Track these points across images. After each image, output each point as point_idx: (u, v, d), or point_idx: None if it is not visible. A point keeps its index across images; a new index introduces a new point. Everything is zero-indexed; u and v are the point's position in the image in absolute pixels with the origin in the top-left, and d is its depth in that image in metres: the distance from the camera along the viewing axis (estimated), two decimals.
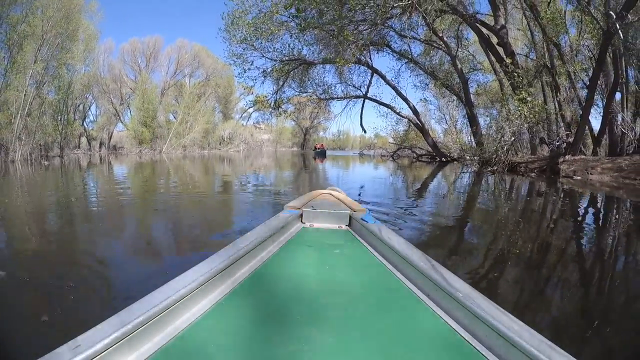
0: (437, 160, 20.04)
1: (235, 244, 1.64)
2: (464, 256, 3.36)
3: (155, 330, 1.08)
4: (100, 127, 34.19)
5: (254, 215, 4.59)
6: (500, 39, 14.43)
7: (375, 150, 35.09)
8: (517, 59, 14.52)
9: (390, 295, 1.47)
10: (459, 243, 3.88)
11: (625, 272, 3.14)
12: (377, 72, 19.66)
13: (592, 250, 3.70)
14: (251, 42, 16.20)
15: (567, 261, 3.32)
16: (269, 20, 15.22)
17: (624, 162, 11.30)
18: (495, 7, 14.59)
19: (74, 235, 3.94)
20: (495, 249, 3.62)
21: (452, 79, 18.27)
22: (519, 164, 13.29)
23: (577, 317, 2.24)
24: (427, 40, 17.62)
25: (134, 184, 9.24)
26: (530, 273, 2.94)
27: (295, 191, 7.59)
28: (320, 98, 20.80)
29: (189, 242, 3.62)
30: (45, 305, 2.06)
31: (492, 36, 14.66)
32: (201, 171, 14.07)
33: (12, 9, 19.75)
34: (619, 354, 1.85)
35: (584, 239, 4.10)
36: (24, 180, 10.12)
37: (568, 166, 11.53)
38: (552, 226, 4.82)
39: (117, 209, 5.41)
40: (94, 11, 25.17)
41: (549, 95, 15.24)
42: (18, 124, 19.66)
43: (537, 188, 9.37)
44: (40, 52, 20.39)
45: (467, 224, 4.86)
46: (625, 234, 4.36)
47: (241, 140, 43.73)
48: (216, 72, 39.97)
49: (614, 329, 2.02)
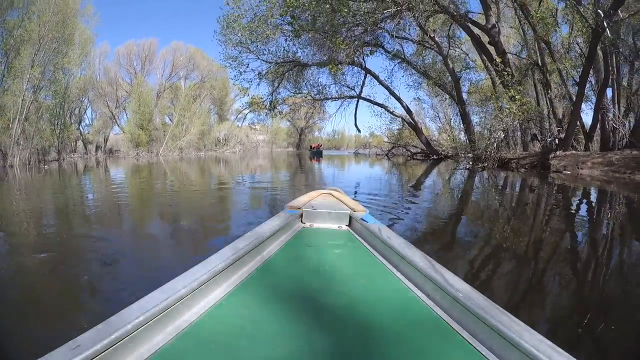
0: (431, 158, 20.28)
1: (235, 244, 1.64)
2: (453, 247, 3.57)
3: (155, 330, 1.09)
4: (96, 130, 34.17)
5: (253, 215, 4.71)
6: (491, 38, 14.63)
7: (370, 149, 35.24)
8: (508, 58, 14.79)
9: (390, 295, 1.47)
10: (448, 233, 4.08)
11: (609, 260, 3.31)
12: (370, 72, 19.91)
13: (580, 239, 3.97)
14: (246, 44, 16.44)
15: (557, 251, 3.50)
16: (264, 24, 15.45)
17: (615, 156, 11.55)
18: (487, 6, 14.78)
19: (106, 231, 4.17)
20: (484, 239, 3.85)
21: (445, 78, 18.51)
22: (511, 160, 13.57)
23: (569, 309, 2.32)
24: (419, 41, 17.87)
25: (140, 186, 9.51)
26: (518, 262, 3.13)
27: (292, 189, 7.85)
28: (315, 98, 21.03)
29: (199, 237, 3.83)
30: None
31: (485, 35, 14.91)
32: (201, 173, 14.27)
33: (8, 14, 19.67)
34: (612, 346, 1.87)
35: (571, 229, 4.37)
36: (25, 184, 10.29)
37: (558, 161, 11.81)
38: (540, 217, 5.09)
39: (127, 208, 5.72)
40: (89, 15, 25.19)
41: (541, 93, 15.59)
42: (16, 128, 19.65)
43: (528, 183, 9.66)
44: (37, 56, 20.35)
45: (456, 216, 5.07)
46: (612, 224, 4.64)
47: (237, 141, 43.88)
48: (211, 73, 40.14)
49: (607, 320, 2.06)
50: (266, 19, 15.29)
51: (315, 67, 18.87)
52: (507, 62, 14.47)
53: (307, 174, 13.32)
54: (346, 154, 38.67)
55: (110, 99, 34.85)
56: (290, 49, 17.46)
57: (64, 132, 25.08)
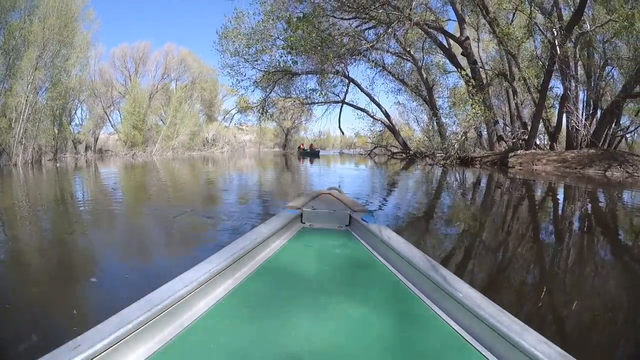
0: (408, 157, 21.59)
1: (235, 244, 1.65)
2: (415, 222, 4.75)
3: (155, 330, 1.10)
4: (87, 130, 34.38)
5: (252, 214, 4.91)
6: (464, 49, 16.28)
7: (354, 150, 35.82)
8: (478, 67, 16.57)
9: (391, 295, 1.48)
10: (405, 207, 5.63)
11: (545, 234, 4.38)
12: (353, 81, 21.44)
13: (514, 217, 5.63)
14: (243, 54, 18.04)
15: (503, 229, 4.53)
16: (261, 40, 17.17)
17: (570, 154, 13.20)
18: (462, 19, 16.49)
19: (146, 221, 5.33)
20: (432, 211, 5.50)
21: (421, 86, 20.28)
22: (475, 159, 15.43)
23: (527, 286, 2.65)
24: (397, 53, 19.70)
25: (143, 183, 10.37)
26: (467, 235, 4.11)
27: (288, 187, 8.79)
28: (303, 102, 22.45)
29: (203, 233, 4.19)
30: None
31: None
32: (202, 171, 14.97)
33: (10, 16, 19.77)
34: (569, 320, 2.09)
35: (503, 203, 6.14)
36: (35, 181, 11.40)
37: (516, 159, 13.61)
38: (492, 201, 6.91)
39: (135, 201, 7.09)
40: (91, 20, 25.27)
41: (511, 98, 17.23)
42: (19, 129, 20.06)
43: (485, 175, 11.48)
44: (41, 58, 20.55)
45: (417, 199, 6.72)
46: (538, 204, 6.49)
47: (225, 141, 44.28)
48: (201, 75, 41.04)
49: (565, 297, 2.40)
50: (264, 38, 17.03)
51: (304, 75, 20.41)
52: (478, 70, 16.25)
53: (301, 173, 14.47)
54: (331, 154, 39.11)
55: (104, 99, 35.14)
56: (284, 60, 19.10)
57: (63, 132, 25.42)
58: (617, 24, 12.70)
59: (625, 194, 7.72)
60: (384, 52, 19.63)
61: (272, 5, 15.73)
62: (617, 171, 11.29)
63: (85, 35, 24.78)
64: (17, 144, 20.22)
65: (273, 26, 16.59)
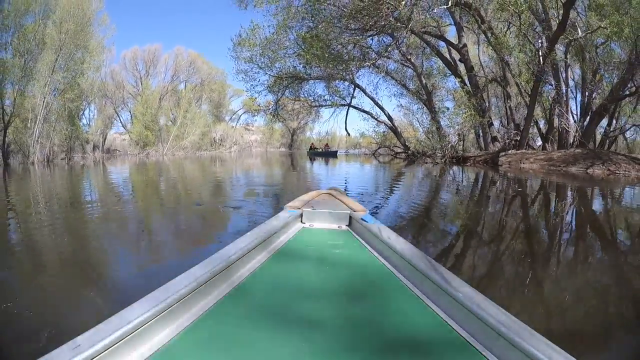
0: (409, 157, 22.42)
1: (236, 244, 1.64)
2: (411, 216, 5.34)
3: (155, 330, 1.09)
4: (96, 130, 34.69)
5: (252, 212, 5.03)
6: (462, 56, 17.61)
7: (359, 150, 36.19)
8: (475, 73, 17.85)
9: (391, 295, 1.47)
10: (401, 202, 6.83)
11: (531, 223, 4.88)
12: (359, 86, 22.65)
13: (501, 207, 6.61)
14: (257, 62, 19.53)
15: (492, 223, 4.82)
16: (276, 50, 18.65)
17: (557, 154, 14.23)
18: (460, 28, 17.81)
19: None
20: (425, 206, 6.61)
21: (421, 91, 21.51)
22: (469, 158, 16.83)
23: (517, 276, 2.68)
24: (398, 60, 21.12)
25: (161, 180, 11.12)
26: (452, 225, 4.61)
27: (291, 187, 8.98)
28: (312, 105, 23.76)
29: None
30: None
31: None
32: (220, 170, 15.69)
33: (24, 19, 20.25)
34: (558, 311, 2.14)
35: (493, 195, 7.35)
36: (61, 179, 12.35)
37: (506, 158, 14.87)
38: (481, 195, 8.06)
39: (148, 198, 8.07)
40: (106, 24, 25.89)
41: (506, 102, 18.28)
42: (37, 128, 20.84)
43: (478, 172, 12.61)
44: (57, 62, 21.17)
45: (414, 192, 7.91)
46: (520, 199, 7.67)
47: (232, 141, 45.20)
48: (210, 77, 42.50)
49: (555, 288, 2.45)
50: (278, 48, 18.53)
51: (312, 80, 21.78)
52: (474, 77, 17.53)
53: (310, 172, 15.24)
54: (338, 154, 39.05)
55: (114, 100, 36.05)
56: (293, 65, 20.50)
57: (76, 132, 26.41)
58: (608, 30, 13.51)
59: (594, 185, 8.91)
60: (387, 60, 20.95)
61: (285, 17, 17.01)
62: (599, 169, 12.07)
63: (101, 39, 25.66)
64: (34, 143, 21.09)
65: (285, 37, 18.06)
